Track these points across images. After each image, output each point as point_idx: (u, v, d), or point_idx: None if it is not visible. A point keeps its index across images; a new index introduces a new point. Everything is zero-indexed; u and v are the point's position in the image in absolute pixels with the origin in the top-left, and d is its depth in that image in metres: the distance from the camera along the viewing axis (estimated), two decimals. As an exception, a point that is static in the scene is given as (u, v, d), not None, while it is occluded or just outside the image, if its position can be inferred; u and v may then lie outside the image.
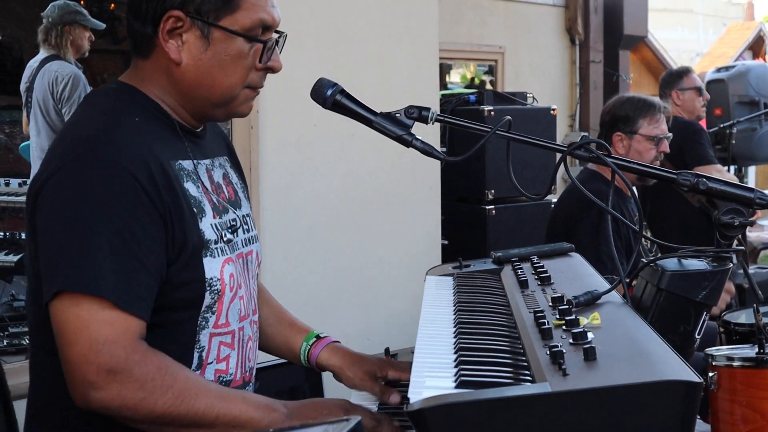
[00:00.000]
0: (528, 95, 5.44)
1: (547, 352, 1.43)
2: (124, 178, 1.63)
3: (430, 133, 3.87)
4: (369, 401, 1.98)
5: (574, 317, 1.60)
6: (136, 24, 1.78)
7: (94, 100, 1.86)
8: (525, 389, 1.35)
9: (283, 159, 3.87)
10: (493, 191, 4.93)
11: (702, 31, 20.29)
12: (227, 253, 1.81)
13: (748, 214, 1.81)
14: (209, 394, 1.63)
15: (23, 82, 4.96)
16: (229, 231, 1.83)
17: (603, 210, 3.51)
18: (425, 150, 1.84)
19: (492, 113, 4.89)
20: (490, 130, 1.86)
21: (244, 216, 1.96)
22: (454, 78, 9.12)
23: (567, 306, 1.68)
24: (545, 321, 1.61)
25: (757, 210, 1.86)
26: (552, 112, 5.25)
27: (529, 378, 1.43)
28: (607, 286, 1.87)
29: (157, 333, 1.67)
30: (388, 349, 2.26)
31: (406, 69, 4.29)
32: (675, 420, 1.29)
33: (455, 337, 1.71)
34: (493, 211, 4.96)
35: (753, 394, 1.88)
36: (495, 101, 5.17)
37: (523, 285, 2.00)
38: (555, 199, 4.42)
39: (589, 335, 1.51)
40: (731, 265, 1.90)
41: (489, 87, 8.36)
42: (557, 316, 1.65)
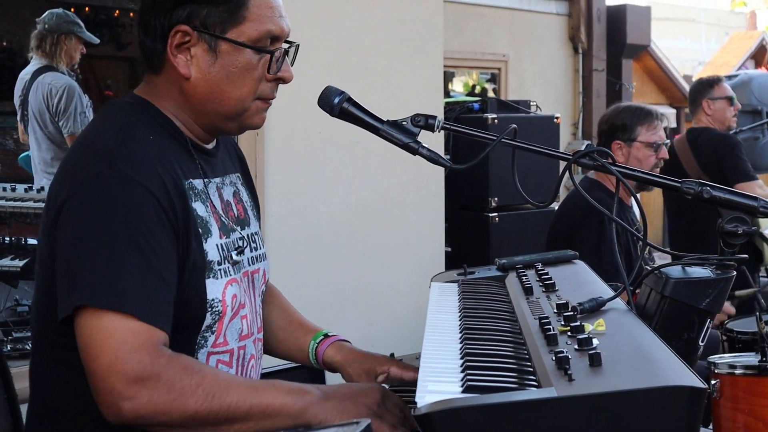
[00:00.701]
0: (531, 103, 5.45)
1: (553, 358, 1.44)
2: (142, 194, 1.64)
3: (434, 141, 3.88)
4: None
5: (579, 323, 1.61)
6: (146, 40, 1.79)
7: (111, 113, 1.85)
8: (531, 394, 1.36)
9: (288, 166, 3.88)
10: (496, 199, 4.94)
11: (704, 40, 20.30)
12: (231, 274, 1.82)
13: (752, 223, 1.82)
14: (239, 387, 1.62)
15: (17, 96, 4.92)
16: (235, 252, 1.84)
17: (604, 219, 3.56)
18: (431, 158, 1.86)
19: (496, 121, 4.90)
20: (495, 139, 1.87)
21: (251, 234, 1.96)
22: (457, 86, 9.13)
23: (572, 312, 1.69)
24: (550, 327, 1.62)
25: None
26: (555, 120, 5.26)
27: (535, 383, 1.44)
28: (612, 293, 1.88)
29: None
30: (392, 355, 2.27)
31: (411, 78, 4.30)
32: (680, 426, 1.30)
33: (461, 342, 1.72)
34: (496, 218, 4.97)
35: (755, 402, 1.88)
36: (498, 109, 5.19)
37: (527, 292, 2.01)
38: (556, 207, 4.43)
39: (594, 341, 1.52)
40: (735, 273, 1.91)
41: (491, 95, 8.38)
42: (562, 323, 1.66)
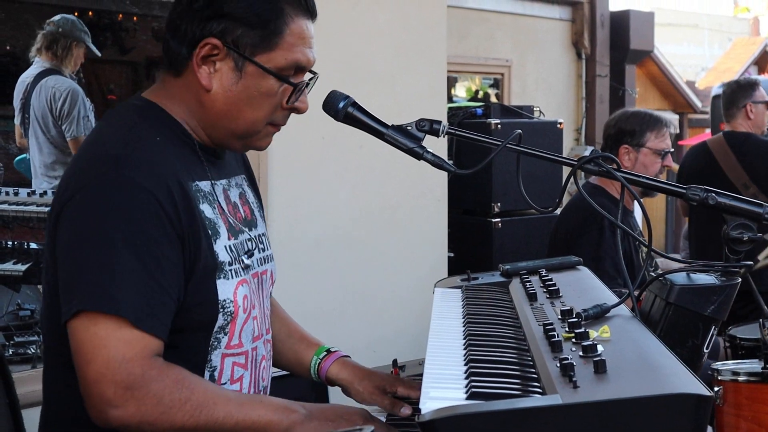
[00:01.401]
0: (535, 109, 5.45)
1: (558, 365, 1.44)
2: (144, 199, 1.64)
3: (437, 146, 3.88)
4: (377, 415, 1.98)
5: (583, 330, 1.61)
6: (173, 42, 1.78)
7: (117, 116, 1.84)
8: (536, 401, 1.36)
9: (291, 171, 3.88)
10: (499, 204, 4.93)
11: (708, 46, 20.30)
12: (241, 275, 1.82)
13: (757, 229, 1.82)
14: (228, 402, 1.64)
15: (17, 99, 4.93)
16: (246, 256, 1.84)
17: (605, 225, 3.56)
18: (436, 162, 1.85)
19: (499, 126, 4.90)
20: (500, 144, 1.87)
21: (259, 236, 1.96)
22: (459, 91, 9.14)
23: (576, 319, 1.69)
24: (555, 334, 1.61)
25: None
26: (558, 125, 5.25)
27: (539, 390, 1.43)
28: (616, 300, 1.87)
29: (167, 353, 1.67)
30: (396, 361, 2.26)
31: (415, 83, 4.30)
32: (686, 433, 1.29)
33: (465, 349, 1.72)
34: (499, 224, 4.96)
35: (758, 408, 1.88)
36: (502, 115, 5.18)
37: (531, 298, 2.00)
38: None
39: (599, 348, 1.51)
40: (739, 279, 1.91)
41: (494, 100, 8.38)
42: (567, 329, 1.66)
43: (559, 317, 1.77)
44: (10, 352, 4.52)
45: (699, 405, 1.29)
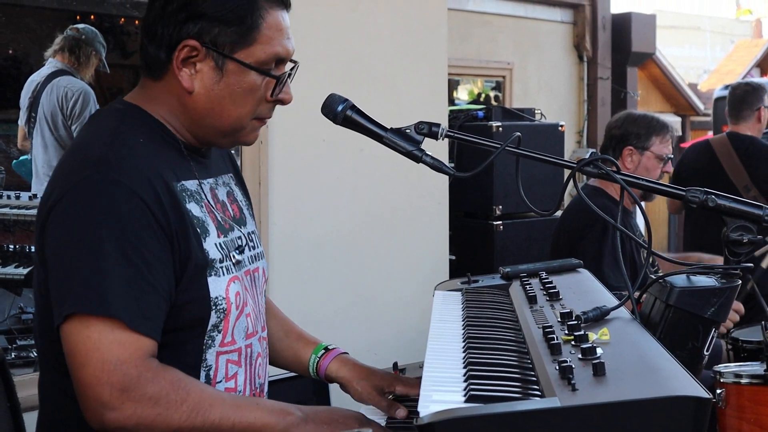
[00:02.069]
0: (536, 111, 5.45)
1: (557, 368, 1.44)
2: (131, 199, 1.64)
3: (438, 149, 3.89)
4: (376, 415, 1.98)
5: (583, 333, 1.61)
6: (150, 47, 1.77)
7: (99, 120, 1.84)
8: (534, 404, 1.35)
9: (292, 174, 3.88)
10: (500, 207, 4.94)
11: (710, 48, 20.30)
12: (233, 272, 1.81)
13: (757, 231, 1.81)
14: (223, 404, 1.63)
15: (25, 97, 4.95)
16: (237, 252, 1.84)
17: (607, 226, 3.56)
18: (435, 165, 1.85)
19: (500, 129, 4.90)
20: (499, 146, 1.87)
21: (249, 233, 1.96)
22: (461, 94, 9.14)
23: (576, 321, 1.69)
24: (554, 336, 1.61)
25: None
26: (560, 128, 5.26)
27: (538, 393, 1.43)
28: (615, 302, 1.87)
29: (163, 354, 1.67)
30: (396, 364, 2.26)
31: (415, 86, 4.30)
32: (685, 436, 1.29)
33: (464, 351, 1.72)
34: (501, 226, 4.97)
35: (761, 411, 1.88)
36: (503, 117, 5.18)
37: (531, 300, 2.00)
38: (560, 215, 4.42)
39: (598, 351, 1.51)
40: (740, 281, 1.91)
41: (494, 103, 8.38)
42: (566, 332, 1.66)
43: (559, 320, 1.77)
44: (12, 356, 4.52)
45: (698, 407, 1.29)
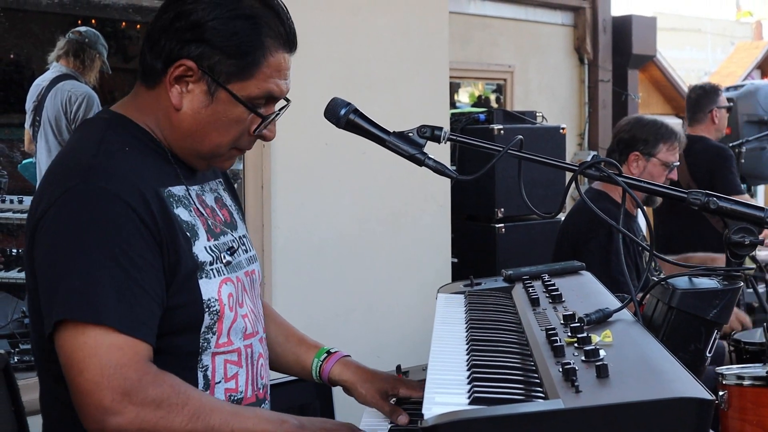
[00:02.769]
0: (537, 114, 5.45)
1: (560, 369, 1.44)
2: (118, 207, 1.64)
3: (440, 152, 3.90)
4: (381, 418, 1.99)
5: (585, 335, 1.61)
6: (149, 55, 1.79)
7: (85, 130, 1.85)
8: (538, 406, 1.36)
9: (294, 178, 3.89)
10: (502, 210, 4.94)
11: (710, 51, 20.31)
12: (224, 274, 1.82)
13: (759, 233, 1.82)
14: (222, 410, 1.65)
15: (30, 101, 4.97)
16: (227, 253, 1.84)
17: (612, 230, 3.57)
18: (437, 169, 1.86)
19: (502, 132, 4.90)
20: (502, 150, 1.88)
21: (241, 237, 1.96)
22: (462, 97, 9.14)
23: (579, 324, 1.69)
24: (557, 338, 1.62)
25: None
26: (561, 131, 5.26)
27: (542, 395, 1.44)
28: (618, 304, 1.88)
29: (159, 358, 1.67)
30: (399, 366, 2.27)
31: (417, 89, 4.31)
32: (687, 437, 1.30)
33: (468, 354, 1.72)
34: (503, 229, 4.97)
35: (763, 413, 1.88)
36: (504, 120, 5.18)
37: (534, 303, 2.01)
38: (562, 217, 4.42)
39: (601, 352, 1.52)
40: (741, 283, 1.91)
41: (495, 105, 8.39)
42: (569, 334, 1.66)
43: (562, 322, 1.77)
44: (15, 360, 4.52)
45: (701, 409, 1.30)
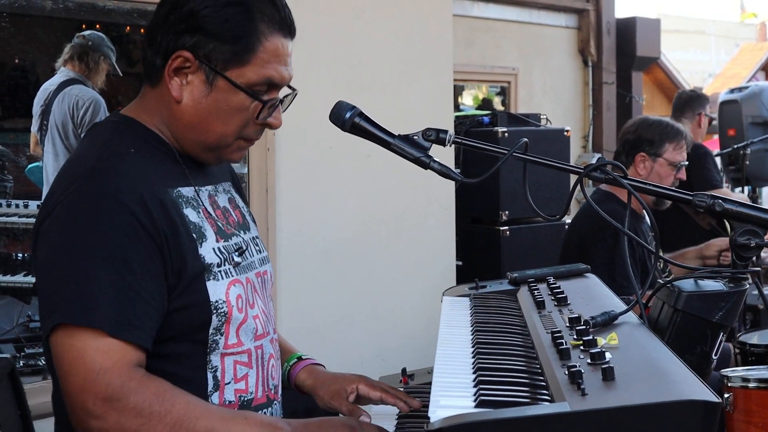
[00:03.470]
0: (541, 116, 5.45)
1: (566, 372, 1.44)
2: (118, 210, 1.65)
3: (444, 155, 3.89)
4: (388, 415, 1.99)
5: (591, 337, 1.61)
6: (149, 53, 1.80)
7: (93, 134, 1.87)
8: (545, 408, 1.36)
9: (299, 180, 3.89)
10: (507, 212, 4.94)
11: (714, 52, 20.30)
12: (233, 275, 1.82)
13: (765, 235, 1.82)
14: (210, 416, 1.63)
15: (38, 105, 5.00)
16: (236, 254, 1.84)
17: (619, 232, 3.56)
18: (442, 172, 1.86)
19: (506, 135, 4.90)
20: (506, 152, 1.88)
21: (253, 238, 1.97)
22: (467, 99, 9.14)
23: (584, 326, 1.69)
24: (563, 341, 1.62)
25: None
26: (565, 133, 5.26)
27: (548, 398, 1.44)
28: (624, 307, 1.88)
29: (168, 360, 1.68)
30: (404, 369, 2.27)
31: (421, 92, 4.31)
32: (694, 440, 1.29)
33: (473, 357, 1.72)
34: (507, 232, 4.97)
35: (769, 415, 1.87)
36: (509, 123, 5.18)
37: (539, 306, 2.01)
38: (568, 220, 4.42)
39: (607, 355, 1.52)
40: (747, 285, 1.91)
41: (501, 107, 8.39)
42: (575, 337, 1.66)
43: (567, 325, 1.77)
44: (21, 364, 4.54)
45: (707, 411, 1.29)
